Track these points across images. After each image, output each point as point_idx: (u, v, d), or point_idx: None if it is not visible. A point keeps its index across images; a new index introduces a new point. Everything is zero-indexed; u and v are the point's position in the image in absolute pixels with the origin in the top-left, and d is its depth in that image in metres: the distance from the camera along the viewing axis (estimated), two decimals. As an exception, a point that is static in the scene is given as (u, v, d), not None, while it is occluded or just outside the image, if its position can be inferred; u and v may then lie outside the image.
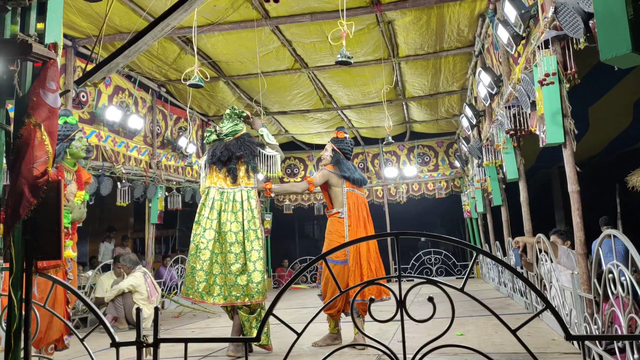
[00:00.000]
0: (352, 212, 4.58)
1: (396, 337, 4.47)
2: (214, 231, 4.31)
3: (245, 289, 4.20)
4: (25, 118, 1.92)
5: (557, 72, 3.91)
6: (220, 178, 4.45)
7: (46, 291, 3.57)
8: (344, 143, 4.87)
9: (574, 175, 3.83)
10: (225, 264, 4.26)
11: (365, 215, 4.67)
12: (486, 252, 1.90)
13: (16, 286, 1.92)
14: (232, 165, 4.43)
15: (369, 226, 4.67)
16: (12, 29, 2.01)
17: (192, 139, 9.71)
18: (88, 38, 6.78)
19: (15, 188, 1.89)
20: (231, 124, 4.62)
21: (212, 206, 4.36)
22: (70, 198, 3.94)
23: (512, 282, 6.94)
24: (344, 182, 4.64)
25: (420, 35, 7.25)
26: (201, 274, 4.24)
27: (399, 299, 1.80)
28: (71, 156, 4.02)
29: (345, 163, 4.75)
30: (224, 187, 4.42)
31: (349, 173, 4.67)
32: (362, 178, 4.79)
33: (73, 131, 4.03)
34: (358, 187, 4.73)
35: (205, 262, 4.25)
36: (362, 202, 4.71)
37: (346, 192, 4.62)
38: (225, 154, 4.44)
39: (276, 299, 1.90)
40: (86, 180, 4.17)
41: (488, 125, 7.52)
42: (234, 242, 4.27)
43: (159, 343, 1.91)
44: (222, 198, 4.38)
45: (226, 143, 4.53)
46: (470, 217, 11.65)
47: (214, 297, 4.22)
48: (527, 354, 1.68)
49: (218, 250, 4.30)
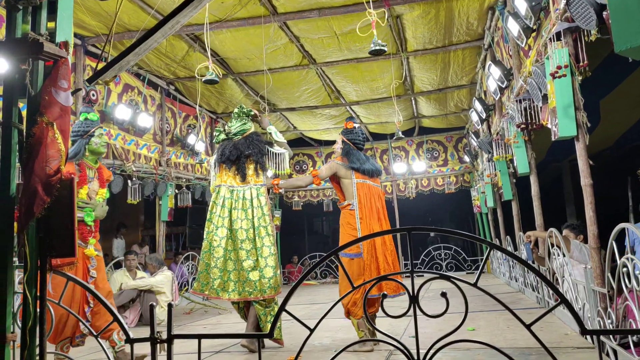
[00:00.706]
0: (363, 203, 4.40)
1: (407, 332, 4.46)
2: (226, 229, 4.39)
3: (257, 284, 4.27)
4: (38, 117, 1.93)
5: (569, 64, 3.87)
6: (230, 176, 4.53)
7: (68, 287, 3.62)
8: (353, 133, 4.70)
9: (587, 169, 3.79)
10: (237, 260, 4.34)
11: (379, 206, 4.48)
12: (499, 246, 1.89)
13: (30, 284, 1.93)
14: (241, 164, 4.51)
15: (383, 218, 4.49)
16: (23, 28, 2.02)
17: (201, 136, 9.74)
18: (97, 37, 6.81)
19: (28, 186, 1.90)
20: (239, 123, 4.69)
21: (223, 204, 4.44)
22: (93, 196, 3.93)
23: (523, 277, 6.90)
24: (354, 173, 4.46)
25: (429, 29, 7.21)
26: (215, 271, 4.32)
27: (412, 294, 1.80)
28: (90, 153, 4.00)
29: (355, 154, 4.57)
30: (233, 186, 4.49)
31: (359, 164, 4.50)
32: (374, 168, 4.58)
33: (92, 127, 4.02)
34: (370, 178, 4.53)
35: (219, 260, 4.33)
36: (375, 193, 4.51)
37: (356, 184, 4.45)
38: (234, 153, 4.52)
39: (288, 295, 1.90)
40: (107, 178, 4.16)
41: (498, 119, 7.47)
42: (245, 239, 4.35)
43: (172, 339, 1.93)
44: (232, 196, 4.46)
45: (235, 142, 4.61)
46: (480, 212, 11.60)
47: (229, 293, 4.30)
48: (540, 349, 1.68)
49: (231, 247, 4.38)
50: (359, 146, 4.67)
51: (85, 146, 3.96)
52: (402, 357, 3.51)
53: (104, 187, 4.06)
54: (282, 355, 3.97)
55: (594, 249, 3.68)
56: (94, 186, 3.99)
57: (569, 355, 3.32)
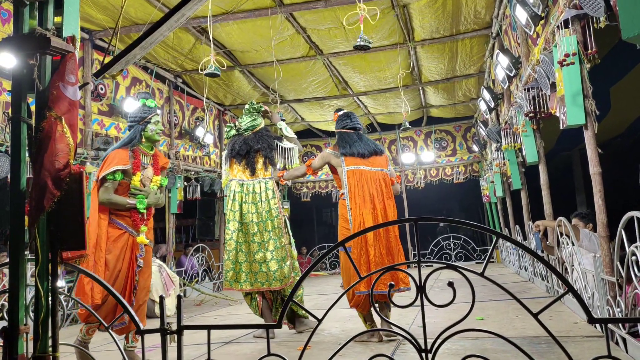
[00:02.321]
0: (354, 191, 4.10)
1: (416, 322, 4.48)
2: (237, 222, 4.56)
3: (268, 276, 4.46)
4: (46, 111, 1.95)
5: (577, 52, 3.83)
6: (240, 170, 4.69)
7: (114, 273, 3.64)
8: (340, 121, 4.46)
9: (596, 157, 3.77)
10: (249, 252, 4.52)
11: (373, 191, 4.10)
12: (506, 235, 1.89)
13: (42, 276, 1.96)
14: (251, 158, 4.66)
15: (380, 206, 4.09)
16: (30, 23, 2.04)
17: (209, 129, 9.76)
18: (104, 30, 6.83)
19: (38, 180, 1.92)
20: (250, 119, 4.83)
21: (234, 198, 4.60)
22: (147, 183, 3.92)
23: (532, 266, 6.89)
24: (343, 160, 4.18)
25: (436, 18, 7.16)
26: (228, 263, 4.54)
27: (419, 284, 1.80)
28: (146, 139, 3.96)
29: (345, 137, 4.30)
30: (243, 179, 4.65)
31: (348, 147, 4.22)
32: (368, 148, 4.22)
33: (150, 114, 4.00)
34: (365, 161, 4.17)
35: (231, 252, 4.53)
36: (369, 178, 4.14)
37: (346, 171, 4.15)
38: (244, 148, 4.68)
39: (296, 286, 1.92)
40: (163, 165, 4.11)
41: (506, 108, 7.42)
42: (256, 232, 4.52)
43: (182, 330, 1.95)
44: (243, 190, 4.61)
45: (245, 137, 4.76)
46: (489, 202, 11.56)
47: (241, 284, 4.51)
48: (549, 338, 1.68)
49: (242, 240, 4.54)
50: (352, 127, 4.37)
51: (141, 133, 3.93)
52: (411, 347, 3.53)
53: (158, 174, 4.01)
54: (292, 345, 4.00)
55: (603, 237, 3.67)
56: (148, 173, 3.95)
57: (578, 344, 3.32)
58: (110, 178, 3.73)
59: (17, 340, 1.90)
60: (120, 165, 3.75)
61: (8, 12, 5.50)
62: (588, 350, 3.13)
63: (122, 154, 3.81)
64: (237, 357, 3.75)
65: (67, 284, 6.23)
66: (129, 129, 3.97)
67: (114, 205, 3.74)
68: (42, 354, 1.90)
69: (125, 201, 3.77)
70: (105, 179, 3.72)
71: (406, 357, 3.32)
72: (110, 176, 3.73)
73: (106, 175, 3.71)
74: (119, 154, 3.80)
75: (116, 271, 3.66)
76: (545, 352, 3.14)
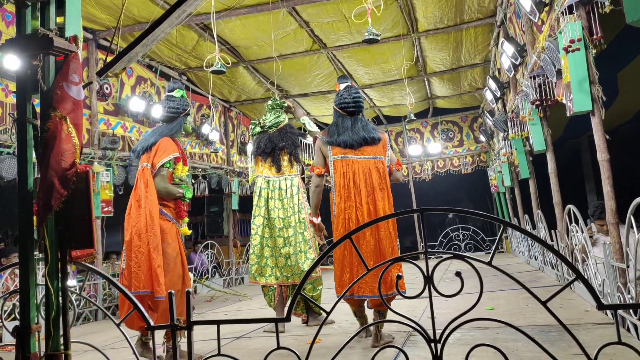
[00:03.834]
0: (340, 184, 3.64)
1: (426, 313, 4.48)
2: (263, 217, 4.71)
3: (294, 270, 4.57)
4: (51, 111, 1.96)
5: (582, 37, 3.80)
6: (266, 168, 4.82)
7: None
8: (336, 97, 3.91)
9: (604, 144, 3.74)
10: (275, 247, 4.65)
11: (361, 183, 3.59)
12: (514, 224, 1.88)
13: (52, 275, 1.98)
14: (276, 156, 4.77)
15: (367, 197, 3.56)
16: (33, 24, 2.04)
17: (215, 126, 9.78)
18: (108, 30, 6.85)
19: (45, 180, 1.93)
20: (274, 116, 4.93)
21: (260, 194, 4.76)
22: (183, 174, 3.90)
23: (542, 255, 6.86)
24: (331, 149, 3.74)
25: (440, 8, 7.11)
26: (253, 257, 4.69)
27: (427, 274, 1.80)
28: (184, 131, 3.99)
29: (337, 122, 3.81)
30: (269, 176, 4.79)
31: (336, 135, 3.73)
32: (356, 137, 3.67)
33: (189, 106, 4.00)
34: (355, 151, 3.66)
35: (256, 247, 4.68)
36: (358, 168, 3.62)
37: (333, 161, 3.71)
38: (269, 146, 4.80)
39: (303, 280, 1.92)
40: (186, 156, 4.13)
41: (513, 97, 7.38)
42: (281, 227, 4.66)
43: (192, 326, 1.96)
44: (269, 186, 4.75)
45: (270, 135, 4.86)
46: (498, 192, 11.52)
47: (266, 278, 4.64)
48: (559, 326, 1.67)
49: (267, 235, 4.68)
50: (347, 110, 3.79)
51: (182, 124, 3.93)
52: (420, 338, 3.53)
53: (186, 164, 4.00)
54: (302, 339, 4.02)
55: (612, 224, 3.65)
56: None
57: (589, 331, 3.31)
58: (168, 166, 3.72)
59: (29, 339, 1.92)
60: (177, 154, 3.75)
61: (12, 14, 5.53)
62: (599, 337, 3.12)
63: (172, 142, 3.79)
64: (248, 351, 3.77)
65: (77, 282, 6.29)
66: (168, 119, 3.90)
67: (168, 195, 3.70)
68: (54, 352, 1.92)
69: (177, 190, 3.74)
70: (163, 166, 3.69)
71: (416, 348, 3.32)
72: (168, 164, 3.71)
73: (165, 162, 3.69)
74: (170, 143, 3.77)
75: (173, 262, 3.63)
76: (556, 340, 3.13)
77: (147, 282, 3.50)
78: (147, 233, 3.55)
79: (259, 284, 4.68)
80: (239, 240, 11.53)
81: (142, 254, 3.53)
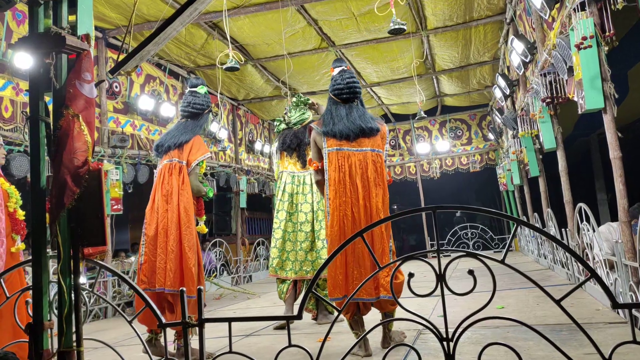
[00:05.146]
0: (335, 179, 3.30)
1: (436, 312, 4.46)
2: (286, 212, 4.76)
3: (314, 265, 4.62)
4: (64, 109, 1.96)
5: (594, 34, 3.77)
6: (291, 163, 4.89)
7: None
8: (331, 81, 3.59)
9: (615, 141, 3.71)
10: (296, 241, 4.71)
11: (357, 178, 3.27)
12: (526, 222, 1.87)
13: (65, 272, 1.99)
14: (302, 151, 4.84)
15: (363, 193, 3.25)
16: (45, 22, 2.05)
17: (223, 124, 9.79)
18: (117, 29, 6.88)
19: (58, 178, 1.94)
20: (298, 113, 5.01)
21: (284, 189, 4.81)
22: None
23: (552, 254, 6.82)
24: (325, 140, 3.38)
25: (449, 5, 7.08)
26: (275, 251, 4.74)
27: (439, 272, 1.79)
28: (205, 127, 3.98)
29: (332, 110, 3.48)
30: (294, 172, 4.85)
31: (330, 125, 3.39)
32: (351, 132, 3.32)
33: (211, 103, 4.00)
34: (351, 143, 3.32)
35: (278, 240, 4.74)
36: (354, 162, 3.30)
37: (327, 154, 3.36)
38: (295, 141, 4.88)
39: (315, 276, 1.92)
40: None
41: (522, 95, 7.33)
42: (304, 221, 4.70)
43: (203, 323, 1.97)
44: (294, 181, 4.82)
45: (295, 131, 4.94)
46: (507, 190, 11.46)
47: (287, 272, 4.69)
48: (571, 325, 1.66)
49: (290, 229, 4.74)
50: (341, 97, 3.48)
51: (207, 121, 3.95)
52: (431, 337, 3.52)
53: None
54: (313, 337, 4.02)
55: (624, 222, 3.62)
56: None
57: (601, 330, 3.28)
58: (201, 165, 3.73)
59: (42, 336, 1.93)
60: (209, 153, 3.78)
61: (22, 13, 5.56)
62: (611, 336, 3.09)
63: (203, 141, 3.80)
64: (258, 348, 3.78)
65: (88, 280, 6.32)
66: (193, 115, 3.89)
67: (198, 192, 3.71)
68: (66, 348, 1.93)
69: (204, 189, 3.76)
70: (198, 165, 3.69)
71: (426, 346, 3.31)
72: (201, 163, 3.72)
73: (200, 161, 3.69)
74: (203, 141, 3.79)
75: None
76: (567, 339, 3.11)
77: (176, 281, 3.47)
78: (181, 231, 3.53)
79: (279, 277, 4.71)
80: (247, 238, 11.56)
81: (172, 252, 3.50)
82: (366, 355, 3.16)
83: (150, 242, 3.58)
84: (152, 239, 3.58)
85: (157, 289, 3.52)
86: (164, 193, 3.63)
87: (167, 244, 3.53)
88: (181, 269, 3.50)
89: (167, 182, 3.64)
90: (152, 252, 3.56)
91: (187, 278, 3.48)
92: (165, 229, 3.54)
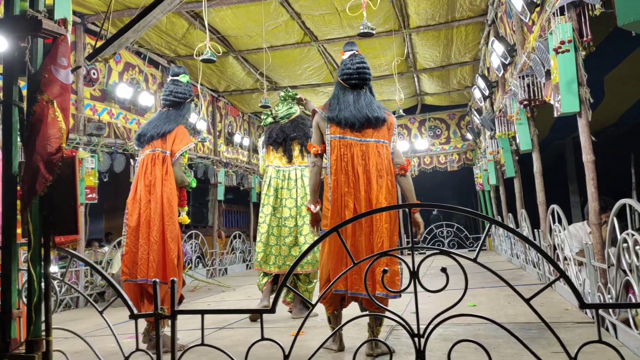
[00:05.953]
0: (336, 168, 3.17)
1: (409, 308, 4.51)
2: (271, 206, 4.75)
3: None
4: (38, 95, 1.93)
5: (572, 39, 3.83)
6: (277, 157, 4.87)
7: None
8: (340, 65, 3.48)
9: (589, 145, 3.78)
10: (280, 236, 4.72)
11: (359, 168, 3.15)
12: (499, 222, 1.90)
13: (35, 260, 1.95)
14: (288, 146, 4.84)
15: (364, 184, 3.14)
16: (21, 5, 2.01)
17: (202, 115, 9.70)
18: (97, 14, 6.75)
19: (30, 164, 1.91)
20: (286, 107, 4.98)
21: (269, 184, 4.80)
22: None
23: (524, 254, 6.94)
24: (329, 126, 3.24)
25: (432, 4, 7.12)
26: (260, 245, 4.74)
27: (412, 269, 1.81)
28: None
29: (339, 96, 3.33)
30: (280, 166, 4.84)
31: (336, 111, 3.24)
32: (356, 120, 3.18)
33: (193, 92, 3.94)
34: (355, 132, 3.19)
35: (263, 235, 4.73)
36: (357, 152, 3.17)
37: (330, 141, 3.22)
38: (281, 136, 4.86)
39: (289, 271, 1.92)
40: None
41: (501, 96, 7.43)
42: (288, 216, 4.71)
43: (176, 315, 1.95)
44: (279, 176, 4.80)
45: (282, 125, 4.92)
46: (483, 190, 11.61)
47: (270, 266, 4.69)
48: (540, 324, 1.70)
49: (274, 224, 4.73)
50: (349, 82, 3.36)
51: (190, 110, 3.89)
52: (403, 333, 3.56)
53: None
54: (286, 331, 4.03)
55: (595, 224, 3.69)
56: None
57: (569, 330, 3.36)
58: (184, 155, 3.69)
59: (9, 324, 1.90)
60: (192, 143, 3.75)
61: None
62: (579, 335, 3.16)
63: (186, 131, 3.76)
64: (231, 342, 3.77)
65: (60, 269, 6.22)
66: (175, 104, 3.84)
67: (182, 183, 3.68)
68: (35, 337, 1.90)
69: (188, 179, 3.73)
70: (182, 155, 3.66)
71: (398, 342, 3.35)
72: (185, 153, 3.69)
73: (184, 151, 3.66)
74: (186, 131, 3.74)
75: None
76: (536, 338, 3.17)
77: (159, 272, 3.46)
78: (164, 221, 3.51)
79: (264, 270, 4.71)
80: (223, 231, 11.50)
81: (155, 243, 3.48)
82: (339, 350, 3.13)
83: (132, 233, 3.55)
84: (134, 229, 3.55)
85: (139, 280, 3.50)
86: (147, 183, 3.59)
87: (149, 235, 3.51)
88: (164, 260, 3.49)
89: (150, 173, 3.60)
90: (134, 243, 3.53)
91: (169, 269, 3.46)
92: (148, 220, 3.51)
